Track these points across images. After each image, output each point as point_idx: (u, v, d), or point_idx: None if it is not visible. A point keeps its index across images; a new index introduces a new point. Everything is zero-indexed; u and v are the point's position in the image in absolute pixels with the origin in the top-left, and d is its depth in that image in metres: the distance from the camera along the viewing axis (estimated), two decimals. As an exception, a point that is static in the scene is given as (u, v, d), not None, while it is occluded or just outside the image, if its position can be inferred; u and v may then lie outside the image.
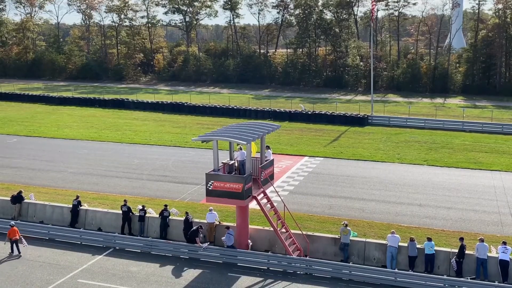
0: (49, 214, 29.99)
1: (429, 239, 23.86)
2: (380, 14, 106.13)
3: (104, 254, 25.99)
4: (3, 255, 25.55)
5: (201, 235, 25.97)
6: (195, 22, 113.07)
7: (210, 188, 24.01)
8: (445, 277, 22.53)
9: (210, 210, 27.07)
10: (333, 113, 61.85)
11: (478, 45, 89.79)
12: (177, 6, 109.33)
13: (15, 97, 78.93)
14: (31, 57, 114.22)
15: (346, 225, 25.15)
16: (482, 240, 23.51)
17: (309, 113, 62.48)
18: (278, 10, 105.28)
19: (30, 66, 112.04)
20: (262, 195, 25.05)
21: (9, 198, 30.81)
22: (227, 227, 25.78)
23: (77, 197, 29.79)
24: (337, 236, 25.61)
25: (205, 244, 25.49)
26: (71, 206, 29.41)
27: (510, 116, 64.01)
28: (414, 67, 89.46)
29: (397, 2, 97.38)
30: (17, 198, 30.24)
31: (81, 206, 29.45)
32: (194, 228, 25.83)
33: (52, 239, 27.56)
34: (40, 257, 25.58)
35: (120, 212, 28.35)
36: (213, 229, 26.81)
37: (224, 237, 25.47)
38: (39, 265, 24.70)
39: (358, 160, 44.14)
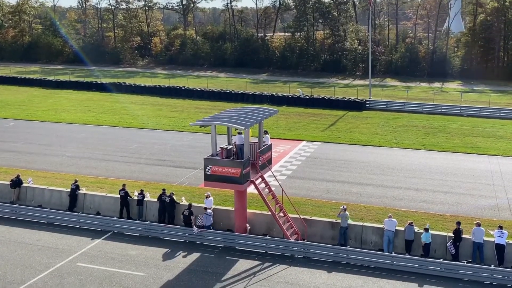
0: (47, 198, 30.08)
1: (426, 230, 23.93)
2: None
3: (103, 238, 26.13)
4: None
5: (193, 217, 26.06)
6: (192, 5, 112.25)
7: (208, 173, 24.07)
8: (441, 261, 22.77)
9: (207, 197, 27.16)
10: (331, 98, 61.78)
11: (476, 29, 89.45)
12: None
13: (12, 80, 78.60)
14: (28, 40, 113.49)
15: (345, 209, 25.28)
16: (478, 225, 23.70)
17: (307, 97, 62.39)
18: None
19: (27, 50, 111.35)
20: (260, 179, 25.13)
21: (7, 182, 30.89)
22: (205, 208, 26.11)
23: (76, 181, 29.86)
24: (334, 220, 25.79)
25: (196, 229, 25.57)
26: (69, 190, 29.50)
27: (508, 101, 64.04)
28: (412, 51, 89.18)
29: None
30: (16, 182, 30.32)
31: (79, 190, 29.53)
32: (190, 210, 25.98)
33: (51, 223, 27.68)
34: (39, 240, 25.71)
35: (119, 196, 28.44)
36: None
37: (201, 217, 25.72)
38: (38, 249, 24.83)
39: (355, 144, 44.22)
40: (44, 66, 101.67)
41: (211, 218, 25.80)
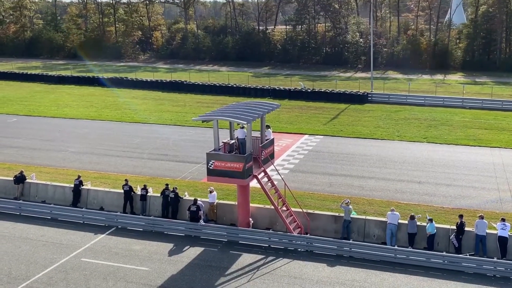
0: (51, 194, 30.19)
1: (431, 220, 23.98)
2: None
3: (107, 233, 26.25)
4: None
5: (201, 212, 26.18)
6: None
7: (211, 168, 24.13)
8: (444, 253, 22.83)
9: (211, 191, 27.27)
10: (332, 91, 61.70)
11: (478, 20, 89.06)
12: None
13: (14, 76, 78.61)
14: (29, 36, 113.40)
15: (348, 203, 25.33)
16: (481, 217, 23.73)
17: (309, 91, 62.33)
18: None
19: (28, 45, 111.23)
20: (262, 174, 25.20)
21: (10, 178, 31.00)
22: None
23: (79, 176, 29.95)
24: (337, 214, 25.84)
25: (202, 222, 25.72)
26: (72, 185, 29.59)
27: (510, 92, 63.83)
28: (414, 43, 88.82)
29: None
30: (20, 178, 30.42)
31: (82, 185, 29.62)
32: (196, 205, 26.08)
33: (55, 218, 27.81)
34: (44, 236, 25.83)
35: (122, 191, 28.54)
36: (214, 208, 27.06)
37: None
38: (42, 244, 24.96)
39: (358, 138, 44.22)
40: (46, 61, 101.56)
41: (201, 208, 26.26)
